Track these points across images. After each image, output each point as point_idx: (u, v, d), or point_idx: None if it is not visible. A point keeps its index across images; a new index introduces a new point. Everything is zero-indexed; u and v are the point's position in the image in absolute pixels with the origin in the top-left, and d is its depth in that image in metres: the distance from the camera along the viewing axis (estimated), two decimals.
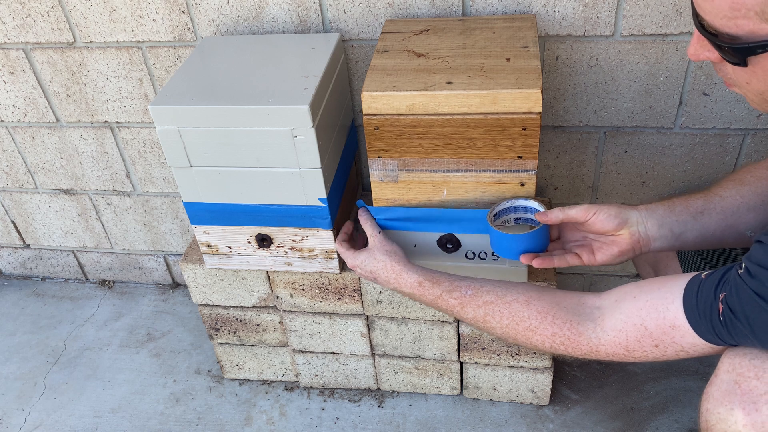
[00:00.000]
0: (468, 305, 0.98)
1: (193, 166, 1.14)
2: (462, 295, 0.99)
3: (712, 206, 0.99)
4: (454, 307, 1.00)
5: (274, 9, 1.30)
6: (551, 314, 0.91)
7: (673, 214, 0.99)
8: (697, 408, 0.82)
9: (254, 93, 1.09)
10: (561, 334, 0.90)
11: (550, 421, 1.41)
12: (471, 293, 0.99)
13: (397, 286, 1.06)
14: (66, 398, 1.57)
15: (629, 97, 1.29)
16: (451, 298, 1.00)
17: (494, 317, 0.96)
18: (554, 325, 0.90)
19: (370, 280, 1.12)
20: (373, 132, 1.04)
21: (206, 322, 1.44)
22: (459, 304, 0.99)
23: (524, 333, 0.93)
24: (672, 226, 0.98)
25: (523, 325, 0.93)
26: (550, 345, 0.92)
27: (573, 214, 1.00)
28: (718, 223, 0.98)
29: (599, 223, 0.99)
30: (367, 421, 1.45)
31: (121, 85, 1.46)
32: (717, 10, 0.66)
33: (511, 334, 0.95)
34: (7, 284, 1.94)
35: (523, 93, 0.97)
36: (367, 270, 1.10)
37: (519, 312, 0.94)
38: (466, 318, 1.00)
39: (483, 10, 1.23)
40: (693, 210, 0.99)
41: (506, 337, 0.96)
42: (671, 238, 0.99)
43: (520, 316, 0.93)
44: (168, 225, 1.72)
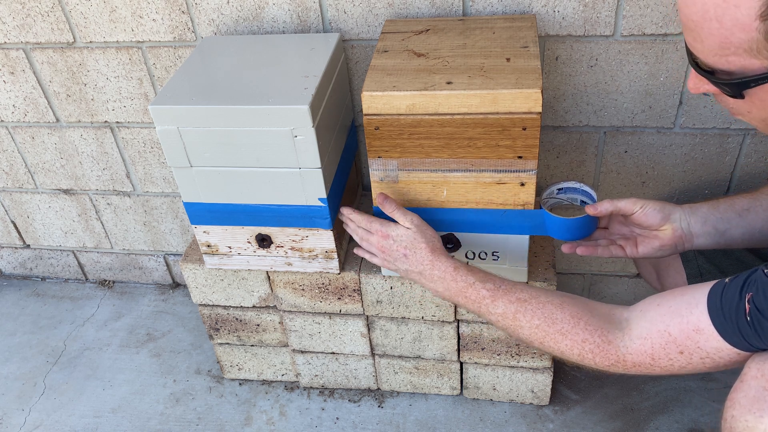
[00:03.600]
0: (500, 298, 0.96)
1: (193, 166, 1.15)
2: (495, 287, 0.97)
3: (758, 204, 1.00)
4: (485, 298, 0.98)
5: (274, 9, 1.30)
6: (584, 320, 0.90)
7: (717, 211, 1.01)
8: (720, 414, 0.80)
9: (254, 93, 1.09)
10: (591, 340, 0.88)
11: (550, 421, 1.41)
12: (505, 287, 0.97)
13: (430, 268, 1.03)
14: (66, 398, 1.57)
15: (629, 97, 1.29)
16: (484, 288, 0.98)
17: (525, 315, 0.94)
18: (586, 331, 0.89)
19: (394, 257, 1.08)
20: (373, 132, 1.04)
21: (206, 322, 1.44)
22: (491, 296, 0.97)
23: (554, 336, 0.91)
24: (716, 223, 1.00)
25: (555, 328, 0.91)
26: (578, 352, 0.90)
27: (622, 206, 1.03)
28: (764, 220, 1.00)
29: (644, 216, 1.02)
30: (367, 421, 1.45)
31: (121, 85, 1.46)
32: (708, 50, 0.69)
33: (539, 336, 0.93)
34: (7, 284, 1.94)
35: (523, 93, 0.97)
36: (402, 245, 1.06)
37: (552, 313, 0.92)
38: (494, 312, 0.97)
39: (483, 10, 1.23)
40: (738, 208, 1.01)
41: (534, 338, 0.94)
42: (716, 235, 1.01)
43: (553, 318, 0.91)
44: (168, 225, 1.72)
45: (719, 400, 1.41)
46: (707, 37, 0.67)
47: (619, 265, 1.55)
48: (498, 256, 1.17)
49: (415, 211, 1.12)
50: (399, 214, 1.08)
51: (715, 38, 0.67)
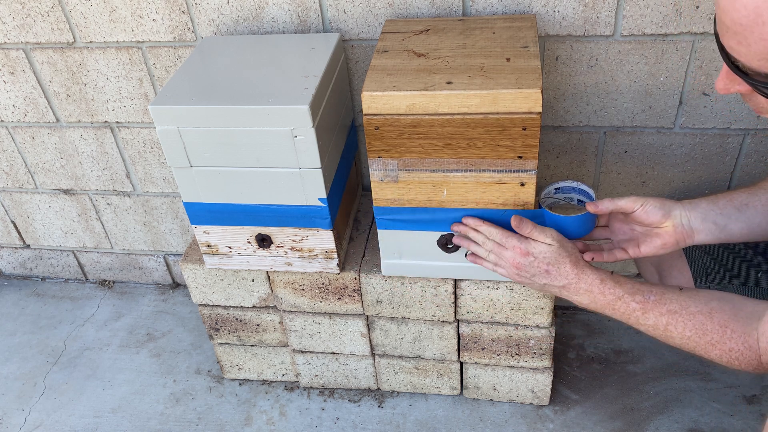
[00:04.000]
0: (650, 311, 0.96)
1: (193, 166, 1.14)
2: (645, 299, 0.96)
3: (756, 199, 1.01)
4: (635, 311, 0.97)
5: (274, 9, 1.30)
6: (730, 328, 0.90)
7: (717, 207, 1.02)
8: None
9: (254, 93, 1.09)
10: (737, 349, 0.89)
11: (550, 421, 1.41)
12: (654, 299, 0.96)
13: (576, 281, 1.02)
14: (66, 398, 1.57)
15: (629, 97, 1.29)
16: (634, 301, 0.97)
17: (677, 328, 0.94)
18: (732, 340, 0.89)
19: (532, 273, 1.05)
20: (373, 132, 1.04)
21: (206, 322, 1.44)
22: (641, 308, 0.97)
23: (705, 347, 0.92)
24: (716, 218, 1.01)
25: (706, 339, 0.92)
26: (727, 360, 0.91)
27: (622, 205, 1.04)
28: (763, 215, 1.01)
29: (645, 214, 1.02)
30: (367, 421, 1.45)
31: (121, 85, 1.46)
32: (754, 53, 0.68)
33: (690, 346, 0.94)
34: (7, 284, 1.94)
35: (523, 93, 0.97)
36: (545, 262, 1.04)
37: (703, 325, 0.92)
38: (644, 324, 0.97)
39: (483, 10, 1.23)
40: (737, 203, 1.02)
41: (683, 347, 0.95)
42: (716, 231, 1.02)
43: (704, 329, 0.92)
44: (168, 225, 1.72)
45: (719, 400, 1.41)
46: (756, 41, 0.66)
47: (618, 265, 1.55)
48: None
49: (415, 211, 1.13)
50: (537, 233, 1.05)
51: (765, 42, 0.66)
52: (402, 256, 1.20)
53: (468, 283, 1.24)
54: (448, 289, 1.25)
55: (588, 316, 1.64)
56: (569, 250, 1.04)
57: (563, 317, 1.65)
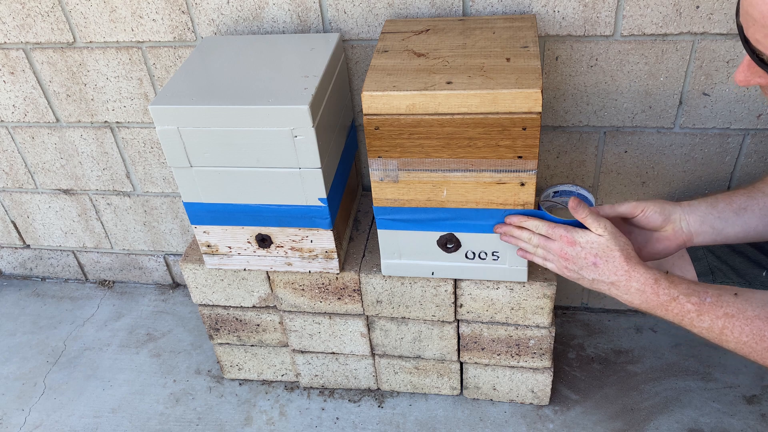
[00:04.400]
0: (706, 314, 0.92)
1: (193, 166, 1.15)
2: (701, 301, 0.92)
3: (755, 202, 1.01)
4: (689, 312, 0.93)
5: (274, 9, 1.30)
6: None
7: (716, 210, 1.02)
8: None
9: (254, 93, 1.09)
10: None
11: (550, 421, 1.41)
12: (710, 301, 0.92)
13: (626, 279, 0.97)
14: (66, 398, 1.57)
15: (629, 97, 1.29)
16: (689, 302, 0.93)
17: (733, 332, 0.90)
18: None
19: (581, 266, 1.01)
20: (373, 132, 1.04)
21: (206, 322, 1.44)
22: (696, 311, 0.92)
23: (761, 353, 0.89)
24: (713, 222, 1.01)
25: (763, 345, 0.88)
26: None
27: (623, 211, 1.04)
28: (760, 218, 1.01)
29: (646, 219, 1.03)
30: (367, 421, 1.45)
31: (121, 85, 1.46)
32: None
33: (746, 352, 0.90)
34: (7, 284, 1.94)
35: (523, 93, 0.97)
36: (592, 253, 0.99)
37: (761, 330, 0.88)
38: (698, 327, 0.93)
39: (483, 10, 1.23)
40: (735, 206, 1.02)
41: (739, 351, 0.91)
42: (713, 234, 1.02)
43: (761, 335, 0.88)
44: (168, 225, 1.72)
45: (719, 400, 1.41)
46: None
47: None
48: (498, 256, 1.17)
49: (415, 211, 1.13)
50: (591, 220, 1.00)
51: None
52: (402, 256, 1.20)
53: (468, 283, 1.24)
54: (448, 289, 1.25)
55: (588, 316, 1.64)
56: (621, 244, 0.98)
57: (563, 317, 1.65)
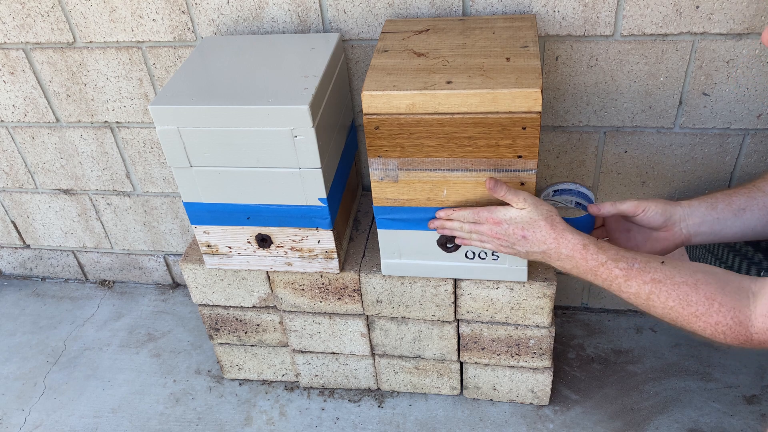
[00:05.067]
0: (633, 279, 0.93)
1: (193, 166, 1.15)
2: (629, 266, 0.94)
3: (754, 203, 1.02)
4: (617, 278, 0.94)
5: (274, 9, 1.30)
6: (717, 301, 0.87)
7: (715, 211, 1.02)
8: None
9: (254, 93, 1.09)
10: (724, 323, 0.86)
11: (550, 421, 1.41)
12: (638, 267, 0.93)
13: (555, 246, 0.99)
14: (66, 398, 1.57)
15: (629, 97, 1.29)
16: (617, 267, 0.94)
17: (660, 297, 0.91)
18: (719, 313, 0.87)
19: (512, 241, 1.03)
20: (373, 131, 1.04)
21: (206, 322, 1.44)
22: (624, 276, 0.94)
23: (688, 318, 0.89)
24: (712, 224, 1.02)
25: (689, 310, 0.89)
26: (710, 332, 0.88)
27: (624, 209, 1.04)
28: (759, 219, 1.02)
29: (647, 219, 1.03)
30: (367, 421, 1.45)
31: (121, 85, 1.46)
32: None
33: (672, 317, 0.91)
34: (7, 284, 1.94)
35: (523, 92, 0.97)
36: (519, 227, 1.01)
37: (687, 296, 0.89)
38: (626, 292, 0.95)
39: (483, 10, 1.23)
40: (735, 207, 1.02)
41: (665, 317, 0.92)
42: (711, 235, 1.03)
43: (688, 301, 0.89)
44: (168, 225, 1.72)
45: (719, 400, 1.41)
46: None
47: None
48: (498, 256, 1.17)
49: (415, 211, 1.13)
50: (510, 195, 1.03)
51: None
52: (402, 255, 1.20)
53: (468, 283, 1.24)
54: (448, 289, 1.25)
55: (588, 316, 1.64)
56: (544, 212, 1.00)
57: (563, 317, 1.65)
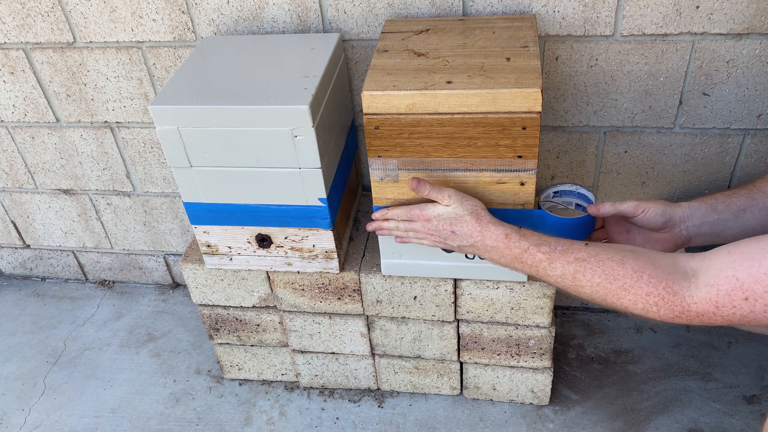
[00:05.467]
0: (557, 260, 0.94)
1: (193, 166, 1.15)
2: (551, 249, 0.95)
3: (754, 203, 1.02)
4: (541, 262, 0.95)
5: (274, 9, 1.30)
6: (647, 273, 0.86)
7: (716, 212, 1.02)
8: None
9: (254, 93, 1.09)
10: (656, 293, 0.85)
11: (550, 421, 1.41)
12: (561, 249, 0.94)
13: (481, 238, 1.01)
14: (66, 398, 1.57)
15: (629, 97, 1.29)
16: (539, 252, 0.95)
17: (585, 275, 0.91)
18: (649, 284, 0.85)
19: (444, 237, 1.05)
20: (373, 131, 1.04)
21: (206, 322, 1.44)
22: (547, 259, 0.95)
23: (616, 292, 0.88)
24: (713, 225, 1.02)
25: (617, 284, 0.88)
26: (642, 306, 0.87)
27: (624, 209, 1.04)
28: (759, 219, 1.02)
29: (647, 220, 1.03)
30: (367, 421, 1.45)
31: (121, 85, 1.46)
32: None
33: (601, 294, 0.90)
34: (7, 284, 1.94)
35: (523, 92, 0.97)
36: (447, 223, 1.03)
37: (613, 270, 0.89)
38: (552, 275, 0.95)
39: (483, 10, 1.23)
40: (735, 208, 1.02)
41: (595, 297, 0.91)
42: (711, 236, 1.03)
43: (614, 275, 0.88)
44: (168, 225, 1.72)
45: (719, 400, 1.41)
46: None
47: None
48: None
49: None
50: (435, 193, 1.04)
51: None
52: (402, 255, 1.20)
53: (468, 283, 1.24)
54: (448, 289, 1.25)
55: (588, 316, 1.64)
56: (469, 207, 1.02)
57: (563, 317, 1.65)
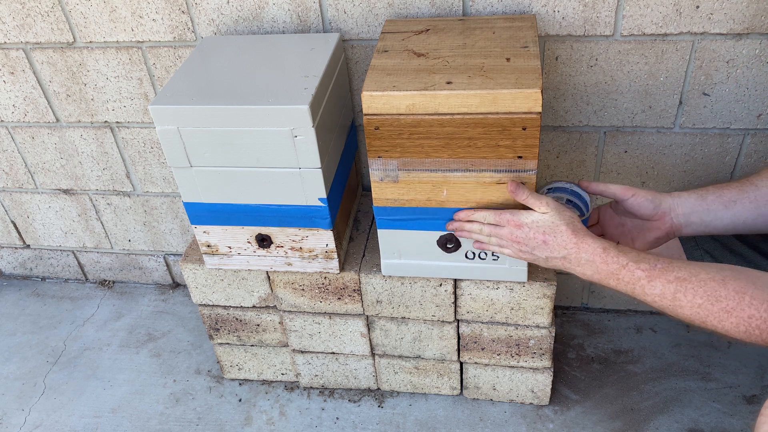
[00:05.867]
0: (657, 279, 0.91)
1: (193, 166, 1.15)
2: (651, 267, 0.92)
3: (745, 196, 1.02)
4: (639, 280, 0.92)
5: (274, 9, 1.30)
6: (749, 294, 0.84)
7: (705, 202, 1.03)
8: (750, 427, 0.77)
9: (254, 93, 1.09)
10: (758, 316, 0.83)
11: (550, 421, 1.41)
12: (661, 266, 0.91)
13: (576, 251, 0.98)
14: (66, 398, 1.57)
15: (629, 97, 1.29)
16: (638, 269, 0.92)
17: (686, 295, 0.88)
18: (752, 307, 0.83)
19: (532, 246, 1.02)
20: (373, 132, 1.04)
21: (206, 322, 1.44)
22: (647, 276, 0.91)
23: (718, 314, 0.86)
24: (702, 215, 1.03)
25: (719, 306, 0.85)
26: (744, 329, 0.85)
27: (613, 190, 1.06)
28: (750, 211, 1.02)
29: (637, 205, 1.04)
30: (367, 421, 1.45)
31: (121, 85, 1.46)
32: None
33: (701, 316, 0.88)
34: (7, 284, 1.94)
35: (523, 93, 0.97)
36: (540, 231, 1.00)
37: (715, 291, 0.86)
38: (650, 294, 0.92)
39: (483, 10, 1.23)
40: (725, 200, 1.03)
41: (694, 318, 0.89)
42: (701, 226, 1.04)
43: (716, 296, 0.86)
44: (168, 225, 1.72)
45: (719, 400, 1.41)
46: None
47: None
48: (498, 256, 1.17)
49: (415, 211, 1.13)
50: (533, 200, 1.02)
51: None
52: (402, 256, 1.21)
53: (468, 283, 1.24)
54: (448, 289, 1.25)
55: (588, 316, 1.64)
56: (566, 218, 1.00)
57: (563, 317, 1.65)
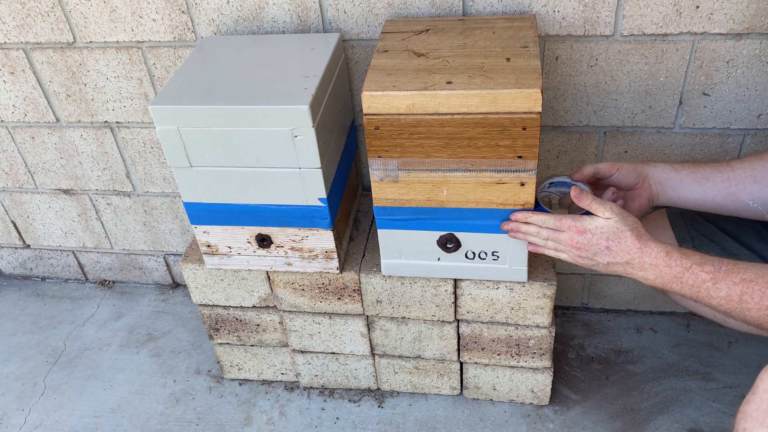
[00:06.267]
0: (722, 281, 0.89)
1: (193, 166, 1.15)
2: (715, 269, 0.90)
3: (719, 175, 1.06)
4: (704, 282, 0.91)
5: (274, 9, 1.30)
6: None
7: (678, 174, 1.09)
8: (732, 426, 0.78)
9: (254, 93, 1.09)
10: None
11: (550, 421, 1.41)
12: (726, 269, 0.89)
13: (639, 256, 0.96)
14: (66, 398, 1.57)
15: (629, 97, 1.29)
16: (703, 271, 0.91)
17: (753, 297, 0.86)
18: None
19: (594, 252, 1.00)
20: (373, 132, 1.04)
21: (206, 322, 1.44)
22: (711, 279, 0.90)
23: None
24: (675, 185, 1.09)
25: None
26: None
27: (601, 168, 1.11)
28: (720, 190, 1.06)
29: (622, 177, 1.10)
30: (367, 421, 1.45)
31: (121, 85, 1.46)
32: None
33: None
34: (7, 284, 1.94)
35: (523, 93, 0.97)
36: (603, 237, 0.99)
37: None
38: (715, 297, 0.90)
39: (483, 10, 1.23)
40: (698, 175, 1.08)
41: (763, 321, 0.87)
42: (673, 196, 1.10)
43: None
44: (168, 225, 1.72)
45: (719, 400, 1.41)
46: None
47: None
48: (498, 256, 1.17)
49: (415, 211, 1.13)
50: (596, 205, 1.01)
51: None
52: (402, 256, 1.21)
53: (468, 283, 1.24)
54: (448, 289, 1.25)
55: (588, 316, 1.64)
56: (630, 223, 0.98)
57: (563, 317, 1.65)
